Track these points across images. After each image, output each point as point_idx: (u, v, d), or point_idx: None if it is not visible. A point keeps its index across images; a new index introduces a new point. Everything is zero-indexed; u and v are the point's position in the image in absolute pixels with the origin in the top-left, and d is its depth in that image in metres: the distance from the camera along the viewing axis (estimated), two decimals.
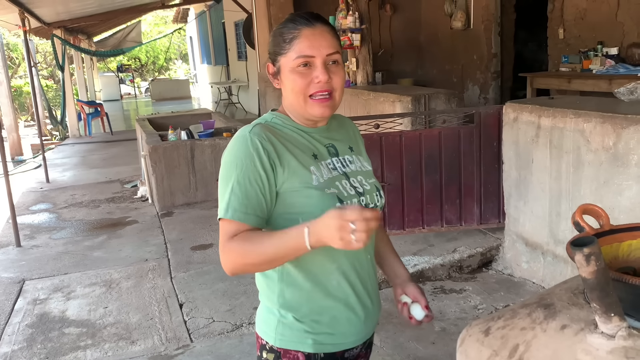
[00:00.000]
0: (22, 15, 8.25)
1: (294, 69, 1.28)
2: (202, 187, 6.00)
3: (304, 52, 1.27)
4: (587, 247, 0.91)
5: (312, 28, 1.29)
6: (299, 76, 1.28)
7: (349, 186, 1.34)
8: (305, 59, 1.27)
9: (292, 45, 1.28)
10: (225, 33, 15.42)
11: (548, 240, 3.54)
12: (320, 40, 1.28)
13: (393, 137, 4.10)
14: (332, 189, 1.30)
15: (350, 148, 1.45)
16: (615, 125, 2.95)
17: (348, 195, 1.32)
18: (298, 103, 1.31)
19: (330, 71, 1.29)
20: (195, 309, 3.61)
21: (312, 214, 1.26)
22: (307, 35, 1.28)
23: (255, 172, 1.25)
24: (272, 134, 1.30)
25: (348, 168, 1.39)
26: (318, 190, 1.28)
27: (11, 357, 3.23)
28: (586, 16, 6.63)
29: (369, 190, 1.38)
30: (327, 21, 1.33)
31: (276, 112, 1.39)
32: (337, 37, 1.34)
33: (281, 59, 1.31)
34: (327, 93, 1.29)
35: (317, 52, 1.27)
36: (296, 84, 1.29)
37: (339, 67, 1.32)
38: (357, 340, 1.40)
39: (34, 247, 5.10)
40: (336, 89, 1.31)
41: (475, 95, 8.65)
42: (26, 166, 9.56)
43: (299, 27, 1.29)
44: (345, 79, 1.34)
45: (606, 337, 0.96)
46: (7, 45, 18.86)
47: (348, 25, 6.42)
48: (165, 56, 29.22)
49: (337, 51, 1.31)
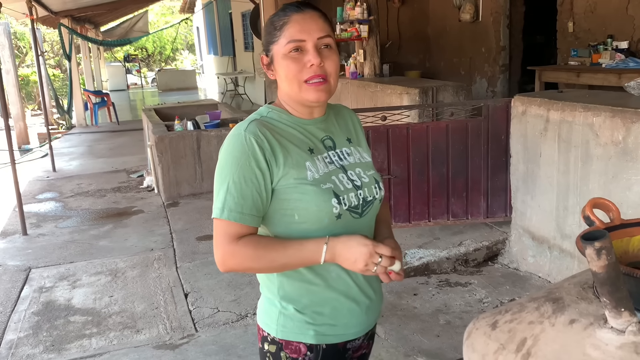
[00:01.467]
0: (30, 4, 8.25)
1: (286, 54, 1.27)
2: (208, 177, 6.00)
3: (294, 36, 1.26)
4: (598, 241, 0.89)
5: (302, 13, 1.28)
6: (291, 61, 1.27)
7: (346, 180, 1.33)
8: (296, 43, 1.26)
9: (282, 32, 1.27)
10: (232, 23, 15.37)
11: (555, 235, 3.52)
12: (310, 24, 1.27)
13: (400, 129, 4.08)
14: (328, 184, 1.29)
15: (348, 140, 1.43)
16: (625, 119, 2.93)
17: (345, 189, 1.31)
18: (293, 90, 1.29)
19: (322, 55, 1.27)
20: (200, 298, 3.62)
21: (307, 210, 1.27)
22: (296, 19, 1.27)
23: (251, 171, 1.24)
24: (268, 130, 1.29)
25: (345, 161, 1.37)
26: (313, 186, 1.27)
27: (17, 344, 3.25)
28: (596, 9, 6.57)
29: (367, 183, 1.36)
30: (317, 7, 1.32)
31: (272, 106, 1.38)
32: (328, 21, 1.32)
33: (273, 47, 1.30)
34: (321, 78, 1.27)
35: (307, 35, 1.26)
36: (289, 69, 1.27)
37: (332, 52, 1.30)
38: (359, 332, 1.40)
39: (40, 235, 5.12)
40: (330, 74, 1.29)
41: (483, 89, 8.61)
42: (33, 155, 9.59)
43: (288, 13, 1.28)
44: (339, 63, 1.32)
45: (616, 332, 0.95)
46: (15, 34, 18.89)
47: (356, 17, 6.40)
48: (171, 46, 29.19)
49: (329, 35, 1.29)
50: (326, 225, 1.27)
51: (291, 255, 1.24)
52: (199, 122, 6.53)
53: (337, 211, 1.28)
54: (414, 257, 3.89)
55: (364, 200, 1.34)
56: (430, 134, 4.08)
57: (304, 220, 1.27)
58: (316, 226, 1.27)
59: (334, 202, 1.28)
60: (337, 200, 1.28)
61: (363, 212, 1.34)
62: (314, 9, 1.30)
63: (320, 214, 1.27)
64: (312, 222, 1.27)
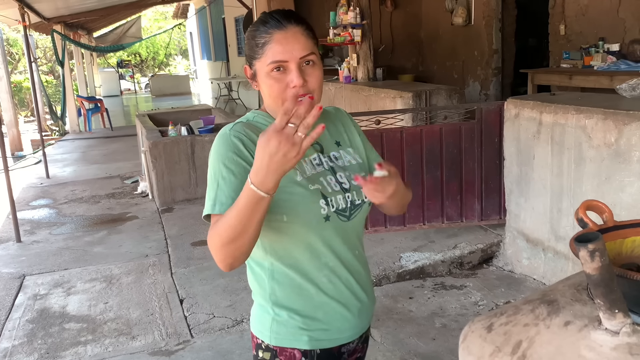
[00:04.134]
0: (22, 10, 8.23)
1: (269, 73, 1.26)
2: (202, 183, 5.98)
3: (276, 57, 1.25)
4: (592, 243, 0.90)
5: (284, 31, 1.25)
6: (274, 81, 1.26)
7: (334, 182, 1.33)
8: (278, 63, 1.25)
9: (264, 50, 1.26)
10: (226, 29, 15.37)
11: (549, 237, 3.53)
12: (292, 44, 1.25)
13: (394, 133, 4.09)
14: (316, 185, 1.29)
15: (337, 143, 1.42)
16: (617, 121, 2.95)
17: (332, 191, 1.31)
18: (277, 105, 1.28)
19: (305, 74, 1.26)
20: (195, 304, 3.61)
21: (295, 211, 1.26)
22: (278, 39, 1.25)
23: (239, 166, 1.23)
24: (253, 131, 1.29)
25: (334, 163, 1.37)
26: (301, 187, 1.27)
27: (12, 352, 3.23)
28: (587, 12, 6.61)
29: (356, 186, 1.34)
30: (300, 19, 1.29)
31: (258, 111, 1.38)
32: (311, 36, 1.30)
33: (256, 63, 1.29)
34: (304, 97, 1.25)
35: (289, 55, 1.24)
36: (272, 89, 1.27)
37: (315, 67, 1.28)
38: (352, 335, 1.40)
39: (34, 242, 5.10)
40: (314, 90, 1.27)
41: (476, 92, 8.64)
42: (26, 162, 9.55)
43: (269, 30, 1.26)
44: (322, 77, 1.31)
45: (610, 333, 0.96)
46: (7, 41, 18.82)
47: (349, 21, 6.41)
48: (165, 52, 29.19)
49: (312, 52, 1.27)
50: (314, 227, 1.27)
51: (236, 206, 1.13)
52: (192, 127, 6.52)
53: (325, 212, 1.28)
54: (409, 260, 3.90)
55: (352, 204, 1.33)
56: (424, 137, 4.09)
57: (292, 221, 1.26)
58: (305, 228, 1.27)
59: (322, 203, 1.28)
60: (325, 202, 1.28)
61: (351, 215, 1.33)
62: (296, 23, 1.27)
63: (308, 215, 1.26)
64: (300, 224, 1.27)
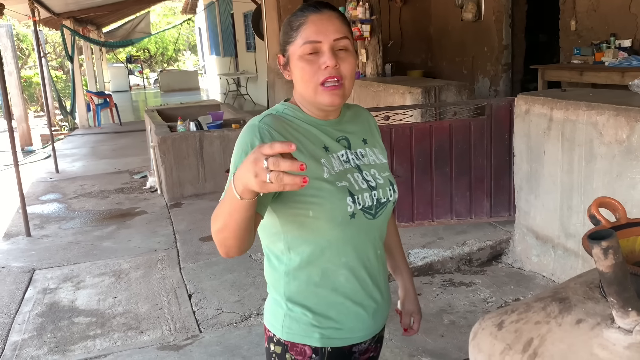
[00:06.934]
0: (32, 5, 8.26)
1: (302, 56, 1.25)
2: (210, 178, 6.00)
3: (310, 37, 1.24)
4: (605, 241, 0.89)
5: (319, 13, 1.26)
6: (306, 63, 1.25)
7: (361, 179, 1.32)
8: (312, 44, 1.24)
9: (299, 32, 1.26)
10: (234, 24, 15.38)
11: (559, 234, 3.51)
12: (327, 25, 1.25)
13: (403, 129, 4.07)
14: (344, 182, 1.28)
15: (364, 140, 1.41)
16: (629, 118, 2.92)
17: (360, 188, 1.30)
18: (307, 92, 1.28)
19: (338, 57, 1.25)
20: (204, 299, 3.62)
21: (322, 207, 1.24)
22: (313, 20, 1.25)
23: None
24: (283, 124, 1.28)
25: (361, 161, 1.36)
26: (329, 183, 1.25)
27: (21, 345, 3.26)
28: (599, 8, 6.55)
29: (382, 185, 1.35)
30: (336, 8, 1.30)
31: (287, 103, 1.36)
32: (346, 23, 1.30)
33: (290, 47, 1.28)
34: (336, 80, 1.25)
35: (323, 37, 1.24)
36: (304, 71, 1.25)
37: (349, 54, 1.27)
38: (365, 335, 1.39)
39: (43, 236, 5.13)
40: (346, 76, 1.26)
41: (486, 88, 8.59)
42: (36, 156, 9.60)
43: (306, 13, 1.26)
44: (355, 68, 1.30)
45: (623, 332, 0.94)
46: (17, 36, 18.91)
47: (358, 16, 6.38)
48: (174, 47, 29.21)
49: (346, 36, 1.27)
50: (339, 224, 1.26)
51: (223, 200, 1.09)
52: (201, 122, 6.53)
53: (352, 210, 1.26)
54: (417, 257, 3.89)
55: (378, 202, 1.32)
56: (433, 133, 4.07)
57: (317, 217, 1.25)
58: (330, 224, 1.26)
59: (348, 200, 1.26)
60: (351, 199, 1.27)
61: (377, 213, 1.32)
62: (332, 9, 1.28)
63: (334, 211, 1.25)
64: (325, 220, 1.25)
